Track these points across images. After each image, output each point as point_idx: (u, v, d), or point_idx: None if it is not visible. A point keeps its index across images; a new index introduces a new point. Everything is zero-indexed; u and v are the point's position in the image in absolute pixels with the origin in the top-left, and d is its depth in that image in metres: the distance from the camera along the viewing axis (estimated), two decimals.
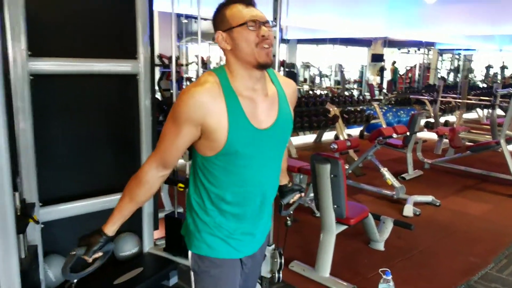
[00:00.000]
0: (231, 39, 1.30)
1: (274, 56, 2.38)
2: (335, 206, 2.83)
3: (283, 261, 2.46)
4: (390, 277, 2.54)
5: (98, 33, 2.74)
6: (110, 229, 1.44)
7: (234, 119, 1.29)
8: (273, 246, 2.55)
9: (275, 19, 2.38)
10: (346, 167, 5.13)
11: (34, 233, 2.43)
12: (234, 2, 1.31)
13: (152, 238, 3.06)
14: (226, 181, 1.38)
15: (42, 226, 2.52)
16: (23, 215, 2.08)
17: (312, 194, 3.42)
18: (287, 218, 1.82)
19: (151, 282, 2.66)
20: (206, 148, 1.34)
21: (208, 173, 1.38)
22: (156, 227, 3.14)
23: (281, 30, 2.33)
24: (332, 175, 2.76)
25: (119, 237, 2.99)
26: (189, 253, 1.49)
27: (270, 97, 1.39)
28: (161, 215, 3.34)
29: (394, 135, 4.68)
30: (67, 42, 2.63)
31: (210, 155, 1.34)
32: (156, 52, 11.25)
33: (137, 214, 2.99)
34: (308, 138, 7.88)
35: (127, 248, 2.95)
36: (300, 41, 16.83)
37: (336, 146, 4.55)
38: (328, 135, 7.77)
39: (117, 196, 2.80)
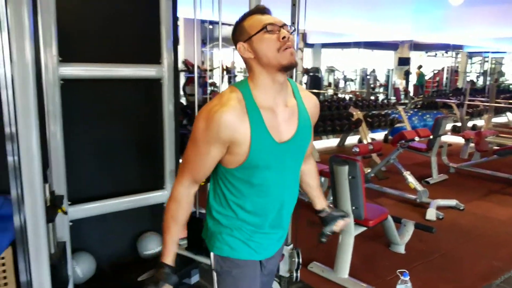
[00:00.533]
0: (252, 48, 1.32)
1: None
2: (354, 208, 2.85)
3: (300, 260, 2.50)
4: (407, 278, 2.54)
5: (123, 39, 2.87)
6: (169, 259, 1.43)
7: (256, 133, 1.31)
8: (291, 246, 2.59)
9: (293, 23, 2.43)
10: (369, 170, 5.13)
11: (63, 230, 2.55)
12: (250, 14, 1.35)
13: None
14: (246, 192, 1.42)
15: (71, 223, 2.64)
16: (52, 206, 2.18)
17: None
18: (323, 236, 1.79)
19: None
20: (227, 161, 1.38)
21: (229, 183, 1.42)
22: None
23: (298, 35, 2.37)
24: (350, 177, 2.79)
25: (143, 236, 3.10)
26: (211, 254, 1.53)
27: (290, 108, 1.40)
28: None
29: (416, 138, 4.66)
30: (95, 48, 2.77)
31: (231, 167, 1.38)
32: (182, 58, 11.49)
33: (160, 215, 3.08)
34: (331, 142, 7.88)
35: (151, 247, 3.05)
36: (324, 45, 16.82)
37: (358, 150, 4.56)
38: (352, 139, 7.75)
39: (141, 196, 2.95)
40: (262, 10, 1.35)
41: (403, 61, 16.58)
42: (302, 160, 1.53)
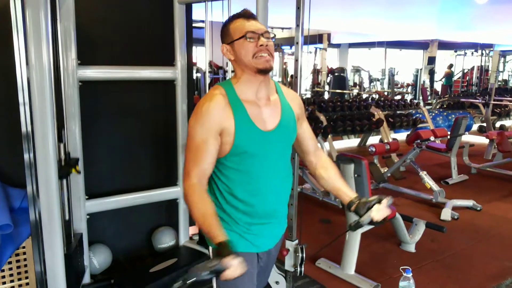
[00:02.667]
0: (233, 51, 1.47)
1: (297, 62, 2.51)
2: None
3: (304, 256, 2.57)
4: (410, 275, 2.58)
5: (139, 42, 3.02)
6: (221, 236, 1.36)
7: (240, 122, 1.45)
8: (296, 241, 2.66)
9: (298, 26, 2.51)
10: (385, 170, 5.13)
11: (80, 223, 2.72)
12: (236, 17, 1.49)
13: (188, 232, 3.28)
14: (237, 180, 1.51)
15: (88, 217, 2.81)
16: (67, 165, 2.35)
17: None
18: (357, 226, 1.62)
19: (183, 272, 2.86)
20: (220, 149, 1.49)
21: (221, 174, 1.53)
22: (192, 223, 3.36)
23: (303, 36, 2.45)
24: (356, 175, 2.85)
25: (157, 231, 3.25)
26: (210, 248, 1.62)
27: (272, 101, 1.55)
28: None
29: (432, 138, 4.64)
30: (112, 51, 2.94)
31: (221, 156, 1.49)
32: (207, 60, 11.66)
33: (175, 210, 3.23)
34: (352, 142, 7.88)
35: (165, 240, 3.20)
36: (352, 45, 16.69)
37: (374, 149, 4.59)
38: (375, 140, 7.72)
39: (155, 192, 3.09)
40: (247, 15, 1.48)
41: (433, 61, 16.30)
42: (289, 150, 1.62)
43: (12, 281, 2.39)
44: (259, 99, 1.51)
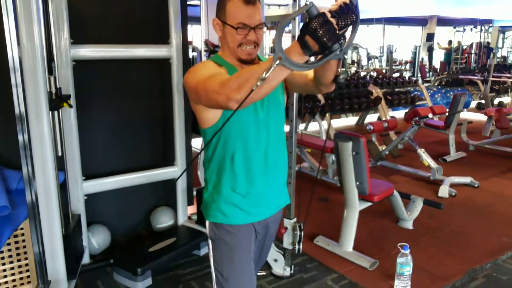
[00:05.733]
0: (223, 30, 1.47)
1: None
2: (358, 183, 2.90)
3: (302, 234, 2.58)
4: (408, 251, 2.61)
5: (133, 21, 2.97)
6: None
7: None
8: (294, 219, 2.68)
9: (294, 1, 2.46)
10: (384, 148, 5.13)
11: (78, 203, 2.72)
12: None
13: (186, 212, 3.28)
14: (229, 141, 1.50)
15: (86, 197, 2.80)
16: (58, 98, 2.35)
17: None
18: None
19: (182, 250, 2.89)
20: (210, 116, 1.47)
21: (215, 143, 1.52)
22: (190, 203, 3.37)
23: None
24: (354, 153, 2.84)
25: (156, 211, 3.26)
26: (207, 223, 1.63)
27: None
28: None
29: (430, 115, 4.62)
30: (105, 29, 2.88)
31: (213, 123, 1.47)
32: (203, 38, 11.57)
33: (173, 190, 3.22)
34: (350, 120, 7.86)
35: (163, 220, 3.21)
36: None
37: (372, 127, 4.57)
38: (373, 118, 7.71)
39: (153, 172, 3.08)
40: (247, 0, 1.41)
41: (431, 37, 16.14)
42: (280, 112, 1.60)
43: (11, 262, 2.39)
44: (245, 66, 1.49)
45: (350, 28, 1.07)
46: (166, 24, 2.93)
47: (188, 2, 3.40)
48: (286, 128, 1.87)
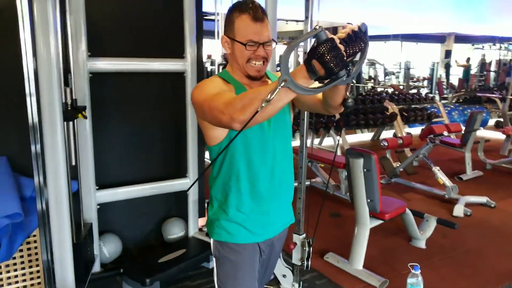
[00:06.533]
0: (231, 47, 1.46)
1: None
2: (369, 200, 2.88)
3: (311, 250, 2.56)
4: (418, 272, 2.55)
5: (149, 35, 3.03)
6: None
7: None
8: (304, 235, 2.66)
9: (306, 18, 2.48)
10: (398, 164, 5.08)
11: (90, 212, 2.75)
12: (244, 11, 1.41)
13: (197, 223, 3.29)
14: (236, 157, 1.49)
15: (98, 207, 2.84)
16: (73, 109, 2.39)
17: None
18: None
19: (192, 262, 2.89)
20: (216, 134, 1.46)
21: (220, 161, 1.52)
22: (202, 214, 3.38)
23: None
24: (365, 169, 2.82)
25: (167, 221, 3.28)
26: (211, 241, 1.62)
27: (265, 83, 1.53)
28: None
29: (445, 133, 4.57)
30: (122, 43, 2.95)
31: (219, 141, 1.47)
32: (221, 53, 11.69)
33: (184, 201, 3.24)
34: (365, 136, 7.81)
35: (174, 231, 3.22)
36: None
37: (386, 144, 4.55)
38: (388, 134, 7.65)
39: (165, 183, 3.10)
40: (256, 17, 1.40)
41: (447, 54, 16.05)
42: (286, 134, 1.59)
43: (23, 268, 2.43)
44: (253, 84, 1.49)
45: (358, 55, 1.09)
46: (182, 38, 2.98)
47: (205, 17, 3.45)
48: (297, 142, 1.86)
